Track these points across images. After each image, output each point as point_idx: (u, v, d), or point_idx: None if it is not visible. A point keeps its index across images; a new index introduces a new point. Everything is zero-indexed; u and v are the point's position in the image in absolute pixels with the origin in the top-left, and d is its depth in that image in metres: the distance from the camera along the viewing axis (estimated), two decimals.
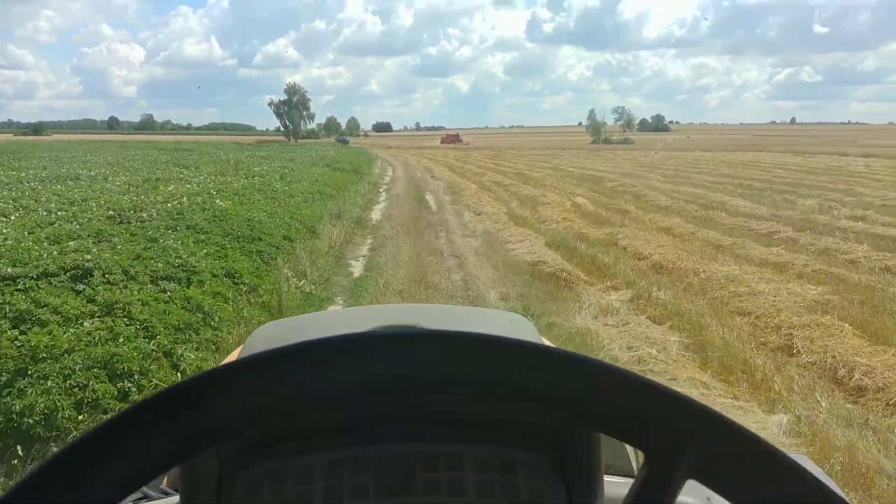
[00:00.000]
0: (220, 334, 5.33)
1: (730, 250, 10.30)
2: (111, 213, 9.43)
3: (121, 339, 4.53)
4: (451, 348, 0.35)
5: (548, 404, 0.36)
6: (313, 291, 7.80)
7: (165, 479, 1.16)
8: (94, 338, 4.48)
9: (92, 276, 5.82)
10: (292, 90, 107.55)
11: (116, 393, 3.89)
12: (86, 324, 4.63)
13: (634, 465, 1.17)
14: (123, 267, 6.25)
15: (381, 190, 23.12)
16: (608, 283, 8.30)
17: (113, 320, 4.91)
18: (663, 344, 5.87)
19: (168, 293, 5.82)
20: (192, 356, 4.65)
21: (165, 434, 0.32)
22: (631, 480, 0.39)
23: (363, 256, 10.57)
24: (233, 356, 1.34)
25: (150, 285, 5.99)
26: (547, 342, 1.01)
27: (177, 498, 0.84)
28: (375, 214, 16.04)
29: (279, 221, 10.37)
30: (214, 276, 6.62)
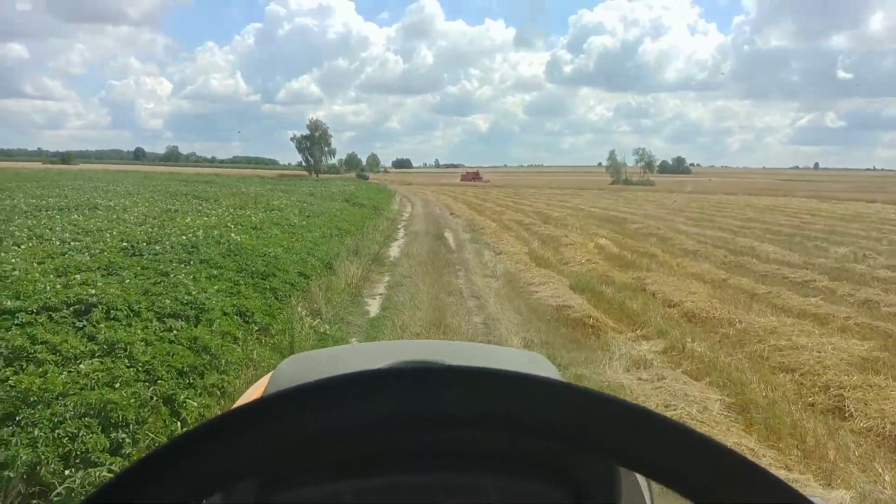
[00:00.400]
0: (226, 378, 4.96)
1: (765, 299, 9.81)
2: (125, 244, 9.20)
3: (118, 384, 4.18)
4: (508, 388, 0.36)
5: (614, 457, 0.36)
6: (327, 331, 7.44)
7: None
8: (90, 381, 4.13)
9: (94, 311, 5.51)
10: (314, 126, 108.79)
11: (109, 445, 3.52)
12: (82, 365, 4.28)
13: (648, 499, 1.10)
14: (130, 303, 5.95)
15: (399, 226, 22.88)
16: (638, 331, 7.85)
17: (113, 361, 4.57)
18: (703, 403, 5.41)
19: (174, 332, 5.48)
20: (195, 403, 4.28)
21: (212, 463, 0.33)
22: None
23: (380, 295, 10.22)
24: (258, 387, 1.35)
25: (155, 322, 5.67)
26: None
27: None
28: (394, 251, 15.74)
29: (295, 257, 10.08)
30: (225, 314, 6.29)
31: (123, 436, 3.59)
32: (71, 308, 5.49)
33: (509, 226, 22.37)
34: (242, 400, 1.23)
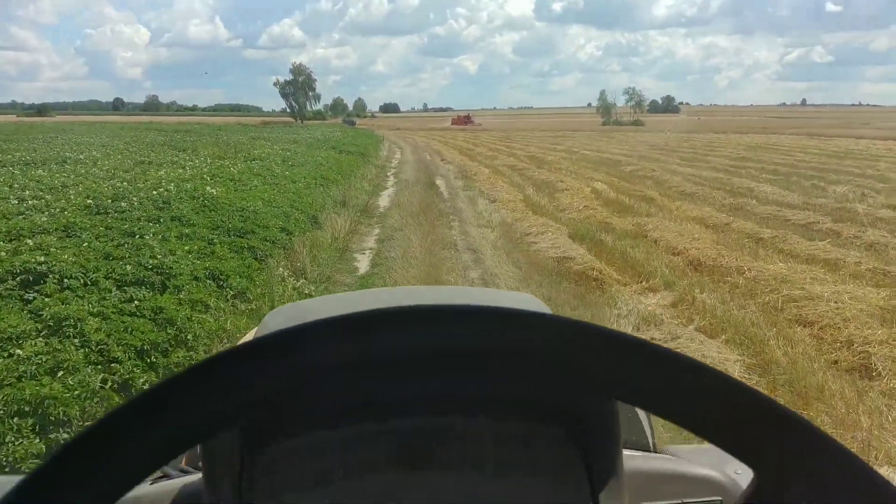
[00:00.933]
0: (194, 355, 4.44)
1: (771, 244, 9.33)
2: (89, 201, 8.53)
3: (64, 370, 3.65)
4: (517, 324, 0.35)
5: (649, 405, 0.35)
6: (312, 293, 6.90)
7: (184, 459, 1.14)
8: (30, 367, 3.59)
9: (45, 281, 4.93)
10: (298, 70, 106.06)
11: (44, 450, 3.00)
12: (19, 350, 3.72)
13: (650, 439, 1.14)
14: (87, 270, 5.37)
15: (388, 174, 22.15)
16: (644, 283, 7.36)
17: (61, 341, 4.03)
18: (723, 365, 4.94)
19: (136, 302, 4.93)
20: None
21: (204, 405, 0.32)
22: (648, 454, 0.46)
23: (369, 249, 9.66)
24: (247, 338, 1.27)
25: (115, 292, 5.10)
26: None
27: (197, 476, 0.78)
28: (383, 201, 15.10)
29: (277, 211, 9.46)
30: (196, 278, 5.72)
31: (65, 436, 3.07)
32: (18, 278, 4.91)
33: (502, 171, 21.69)
34: None
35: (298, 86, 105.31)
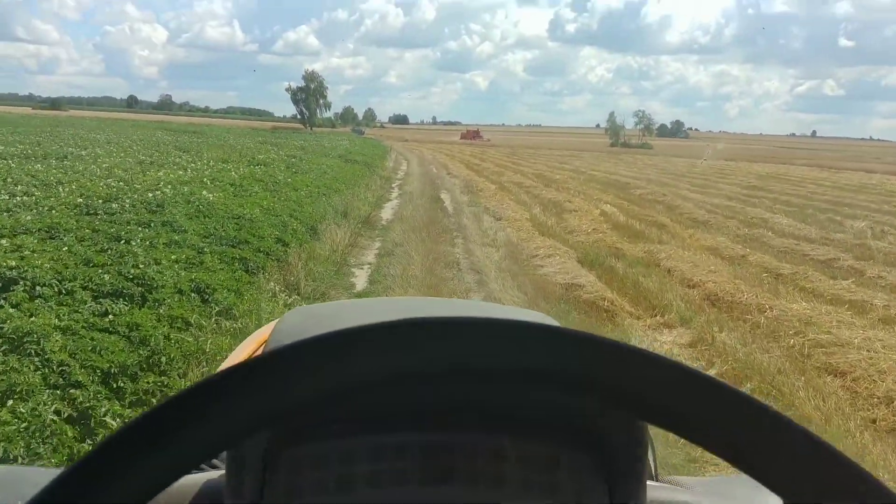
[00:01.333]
0: (167, 381, 4.00)
1: (791, 281, 8.88)
2: (80, 200, 8.14)
3: (16, 395, 3.22)
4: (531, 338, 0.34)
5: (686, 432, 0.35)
6: None
7: None
8: None
9: (15, 289, 4.52)
10: (310, 77, 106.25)
11: None
12: None
13: (653, 468, 1.06)
14: (64, 277, 4.96)
15: (393, 185, 21.78)
16: (658, 317, 6.92)
17: (20, 360, 3.60)
18: None
19: (111, 317, 4.51)
20: (115, 423, 3.32)
21: (232, 412, 0.32)
22: (654, 484, 0.46)
23: (368, 265, 9.25)
24: (257, 337, 1.32)
25: (91, 303, 4.69)
26: None
27: (219, 472, 0.75)
28: (386, 213, 14.70)
29: (275, 220, 9.05)
30: (179, 291, 5.30)
31: None
32: None
33: (509, 188, 21.31)
34: (240, 350, 1.37)
35: (310, 92, 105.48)
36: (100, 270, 5.21)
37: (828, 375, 5.53)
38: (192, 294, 5.38)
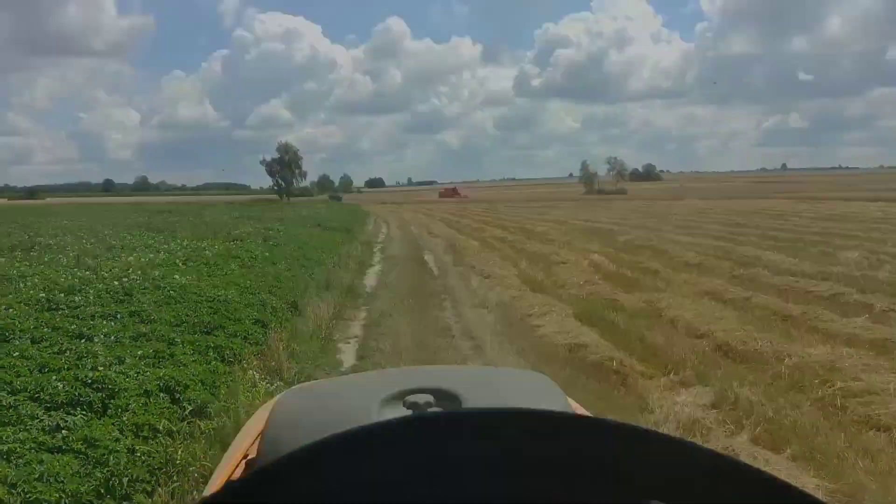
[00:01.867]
0: None
1: (802, 322, 8.44)
2: (41, 295, 7.57)
3: None
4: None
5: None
6: None
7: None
8: None
9: None
10: (284, 149, 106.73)
11: None
12: None
13: None
14: (13, 388, 4.38)
15: (375, 250, 21.35)
16: (672, 375, 6.42)
17: None
18: None
19: (64, 432, 3.92)
20: None
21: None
22: None
23: (355, 338, 8.70)
24: (258, 419, 1.26)
25: (43, 417, 4.10)
26: (576, 405, 1.20)
27: None
28: (370, 280, 14.21)
29: (253, 299, 8.51)
30: (145, 393, 4.72)
31: None
32: None
33: (492, 244, 20.96)
34: (239, 440, 1.33)
35: (285, 163, 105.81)
36: (54, 377, 4.63)
37: (870, 430, 5.02)
38: (161, 394, 4.80)
